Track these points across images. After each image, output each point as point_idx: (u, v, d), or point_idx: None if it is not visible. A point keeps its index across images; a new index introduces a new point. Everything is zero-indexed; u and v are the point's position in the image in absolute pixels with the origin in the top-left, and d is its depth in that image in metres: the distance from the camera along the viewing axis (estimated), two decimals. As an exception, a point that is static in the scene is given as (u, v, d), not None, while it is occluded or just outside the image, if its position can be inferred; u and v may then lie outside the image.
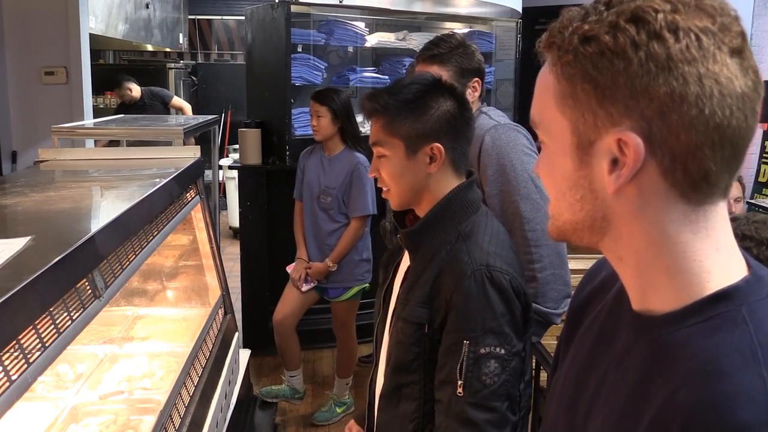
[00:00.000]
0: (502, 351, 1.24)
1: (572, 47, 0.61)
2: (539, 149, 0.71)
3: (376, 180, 1.44)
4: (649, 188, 0.61)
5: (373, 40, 4.30)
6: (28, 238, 1.16)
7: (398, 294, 1.41)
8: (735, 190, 2.85)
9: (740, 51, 0.58)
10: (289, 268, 3.32)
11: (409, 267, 1.41)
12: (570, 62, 0.62)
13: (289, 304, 3.27)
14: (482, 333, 1.24)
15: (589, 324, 0.80)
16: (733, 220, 2.13)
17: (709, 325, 0.60)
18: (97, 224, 1.32)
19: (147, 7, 6.62)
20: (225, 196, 6.90)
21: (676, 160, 0.59)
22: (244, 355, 2.40)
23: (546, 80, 0.65)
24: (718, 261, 0.63)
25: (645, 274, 0.66)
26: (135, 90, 5.96)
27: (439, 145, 1.33)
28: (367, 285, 3.33)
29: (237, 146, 4.27)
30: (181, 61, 8.34)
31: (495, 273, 1.26)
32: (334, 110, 3.11)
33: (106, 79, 6.51)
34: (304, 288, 3.22)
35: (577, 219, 0.67)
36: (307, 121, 3.77)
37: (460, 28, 4.55)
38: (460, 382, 1.25)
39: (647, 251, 0.64)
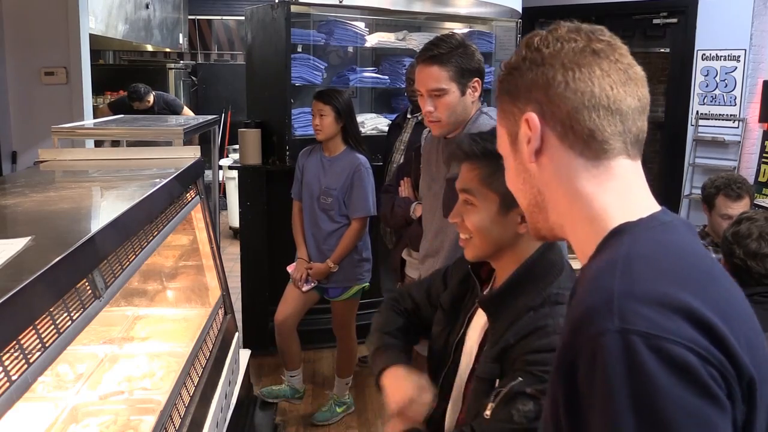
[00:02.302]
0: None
1: (500, 78, 0.89)
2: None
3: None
4: (555, 153, 0.81)
5: (373, 40, 4.30)
6: (28, 238, 1.16)
7: (477, 354, 1.38)
8: (743, 208, 2.84)
9: (602, 50, 0.80)
10: (290, 268, 3.32)
11: (488, 329, 1.36)
12: (498, 87, 0.88)
13: (290, 304, 3.27)
14: (537, 377, 1.20)
15: None
16: (749, 219, 2.12)
17: (600, 254, 0.76)
18: (97, 224, 1.32)
19: (147, 7, 6.62)
20: (225, 196, 6.89)
21: (564, 125, 0.80)
22: (244, 355, 2.40)
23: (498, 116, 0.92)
24: (621, 207, 0.79)
25: (576, 231, 0.83)
26: (152, 100, 5.99)
27: None
28: (367, 284, 3.33)
29: (237, 146, 4.27)
30: (181, 62, 8.33)
31: None
32: (337, 109, 3.11)
33: (106, 79, 6.51)
34: (305, 288, 3.22)
35: (529, 201, 0.87)
36: (307, 121, 3.76)
37: (460, 28, 4.55)
38: (491, 405, 1.23)
39: (570, 209, 0.82)
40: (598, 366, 0.64)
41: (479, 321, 1.42)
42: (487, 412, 1.23)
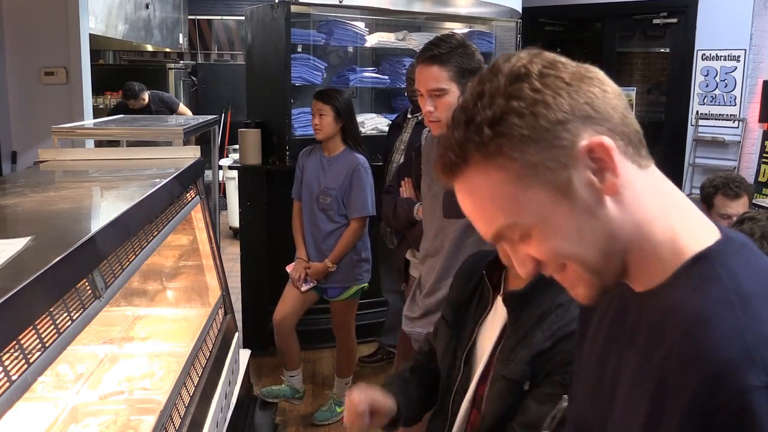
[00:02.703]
0: None
1: (492, 134, 0.69)
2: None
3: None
4: (624, 172, 0.70)
5: (373, 40, 4.30)
6: (28, 238, 1.16)
7: (498, 354, 1.35)
8: (741, 207, 2.84)
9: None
10: (289, 268, 3.32)
11: (506, 325, 1.35)
12: (503, 144, 0.69)
13: (288, 304, 3.27)
14: None
15: (599, 317, 0.85)
16: (751, 219, 2.11)
17: (692, 285, 0.69)
18: (97, 224, 1.32)
19: (147, 7, 6.62)
20: (225, 196, 6.90)
21: (623, 135, 0.71)
22: (244, 355, 2.40)
23: (492, 187, 0.71)
24: (687, 225, 0.72)
25: (640, 259, 0.73)
26: (147, 98, 6.03)
27: None
28: (366, 285, 3.33)
29: (237, 146, 4.27)
30: (181, 62, 8.34)
31: None
32: (337, 109, 3.11)
33: (106, 79, 6.52)
34: (304, 288, 3.22)
35: (599, 252, 0.71)
36: (307, 121, 3.76)
37: (460, 28, 4.55)
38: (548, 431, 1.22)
39: (640, 237, 0.72)
40: (747, 424, 0.60)
41: (492, 324, 1.40)
42: None
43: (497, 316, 1.39)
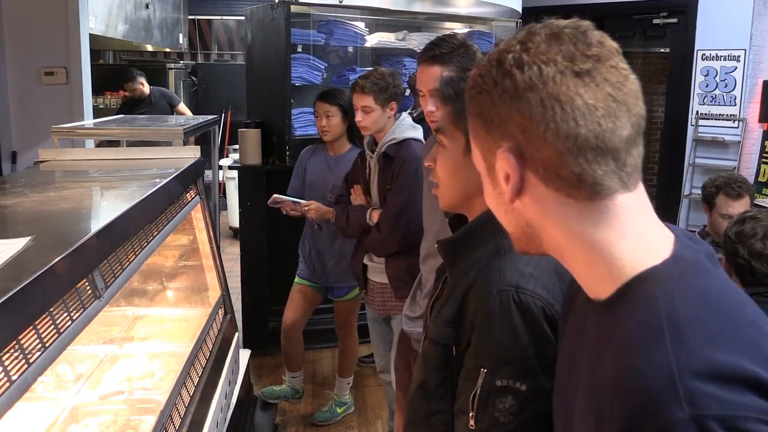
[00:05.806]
0: (523, 387, 1.03)
1: (469, 93, 0.77)
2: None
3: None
4: (539, 195, 0.72)
5: (373, 40, 4.30)
6: (28, 238, 1.16)
7: (431, 310, 1.27)
8: (743, 207, 2.83)
9: (588, 71, 0.68)
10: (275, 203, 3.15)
11: (446, 278, 1.26)
12: (467, 102, 0.77)
13: (297, 309, 3.26)
14: (501, 362, 1.05)
15: (572, 316, 0.85)
16: (753, 218, 2.10)
17: (630, 307, 0.68)
18: (97, 224, 1.32)
19: (147, 7, 6.62)
20: (225, 196, 6.89)
21: (547, 169, 0.70)
22: (244, 355, 2.40)
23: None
24: (627, 247, 0.70)
25: (578, 267, 0.75)
26: (146, 86, 6.04)
27: None
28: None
29: (237, 146, 4.27)
30: (181, 62, 8.34)
31: (524, 296, 1.06)
32: (344, 109, 3.11)
33: (106, 79, 6.52)
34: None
35: (514, 231, 0.79)
36: (307, 121, 3.76)
37: (460, 28, 4.55)
38: (472, 414, 1.07)
39: (568, 247, 0.74)
40: None
41: None
42: (472, 423, 1.08)
43: None
